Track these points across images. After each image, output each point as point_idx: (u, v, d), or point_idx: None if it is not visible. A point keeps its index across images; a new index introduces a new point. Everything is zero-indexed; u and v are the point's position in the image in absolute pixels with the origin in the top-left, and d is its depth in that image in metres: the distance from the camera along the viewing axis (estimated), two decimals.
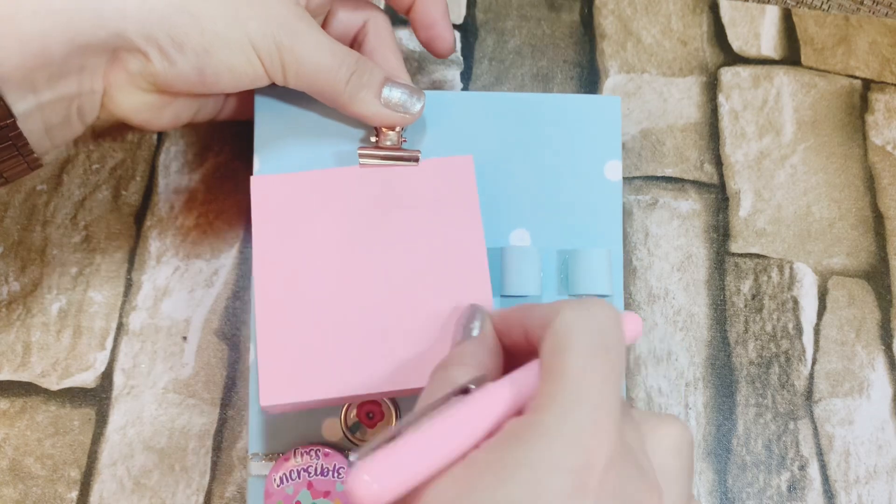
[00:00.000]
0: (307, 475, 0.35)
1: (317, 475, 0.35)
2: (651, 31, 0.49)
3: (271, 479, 0.35)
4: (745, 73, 0.49)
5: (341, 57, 0.35)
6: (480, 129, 0.39)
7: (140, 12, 0.31)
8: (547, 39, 0.49)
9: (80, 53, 0.31)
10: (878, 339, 0.43)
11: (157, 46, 0.32)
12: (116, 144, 0.44)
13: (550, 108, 0.39)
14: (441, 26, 0.39)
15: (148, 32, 0.31)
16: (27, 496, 0.37)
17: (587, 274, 0.37)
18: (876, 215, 0.46)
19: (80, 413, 0.39)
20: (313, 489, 0.35)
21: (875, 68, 0.49)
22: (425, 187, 0.36)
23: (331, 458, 0.36)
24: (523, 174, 0.39)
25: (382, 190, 0.36)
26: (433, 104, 0.39)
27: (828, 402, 0.42)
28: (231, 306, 0.41)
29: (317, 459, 0.36)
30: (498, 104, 0.39)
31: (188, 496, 0.38)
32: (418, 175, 0.37)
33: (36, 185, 0.43)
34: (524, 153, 0.39)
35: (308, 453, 0.36)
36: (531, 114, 0.39)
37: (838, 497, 0.40)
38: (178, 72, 0.33)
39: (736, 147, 0.47)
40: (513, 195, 0.39)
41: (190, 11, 0.32)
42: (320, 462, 0.36)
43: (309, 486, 0.35)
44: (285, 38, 0.33)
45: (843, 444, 0.41)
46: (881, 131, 0.48)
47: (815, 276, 0.44)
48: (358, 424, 0.37)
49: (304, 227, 0.35)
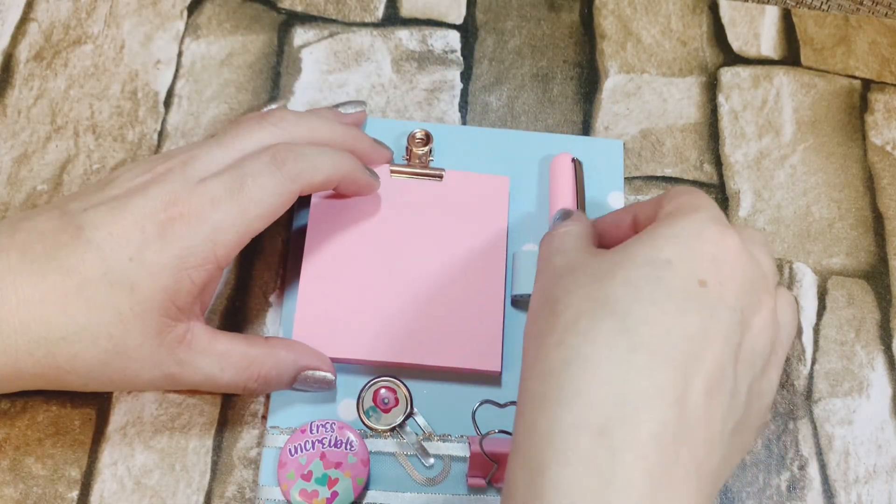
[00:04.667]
0: (321, 446, 0.37)
1: (330, 447, 0.37)
2: (651, 32, 0.49)
3: (286, 449, 0.37)
4: (744, 74, 0.49)
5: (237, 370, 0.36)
6: (502, 160, 0.45)
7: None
8: (547, 39, 0.49)
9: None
10: (877, 339, 0.43)
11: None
12: (117, 144, 0.44)
13: (562, 146, 0.45)
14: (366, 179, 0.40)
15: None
16: (28, 496, 0.37)
17: None
18: (875, 215, 0.46)
19: (80, 413, 0.39)
20: (326, 460, 0.37)
21: (875, 68, 0.49)
22: (463, 195, 0.42)
23: (344, 431, 0.37)
24: (535, 200, 0.44)
25: (424, 193, 0.42)
26: (454, 137, 0.45)
27: (827, 402, 0.42)
28: (232, 306, 0.41)
29: (331, 432, 0.37)
30: (513, 141, 0.45)
31: (188, 496, 0.38)
32: (459, 184, 0.42)
33: (36, 185, 0.43)
34: (537, 183, 0.44)
35: (324, 426, 0.37)
36: (545, 149, 0.45)
37: (838, 497, 0.40)
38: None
39: (736, 147, 0.47)
40: (525, 216, 0.43)
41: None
42: (334, 434, 0.37)
43: (322, 456, 0.37)
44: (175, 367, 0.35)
45: (842, 443, 0.41)
46: (881, 131, 0.48)
47: (815, 276, 0.44)
48: (373, 408, 0.39)
49: (350, 210, 0.41)
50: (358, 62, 0.47)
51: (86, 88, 0.46)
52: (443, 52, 0.48)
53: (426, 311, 0.39)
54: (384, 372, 0.40)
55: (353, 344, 0.39)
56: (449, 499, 0.38)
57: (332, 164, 0.37)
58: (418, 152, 0.43)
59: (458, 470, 0.38)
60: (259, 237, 0.41)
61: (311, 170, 0.36)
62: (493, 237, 0.41)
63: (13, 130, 0.44)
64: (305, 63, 0.47)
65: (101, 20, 0.47)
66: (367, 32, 0.48)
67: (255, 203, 0.34)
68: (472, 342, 0.39)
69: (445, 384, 0.40)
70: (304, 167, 0.35)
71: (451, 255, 0.40)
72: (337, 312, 0.39)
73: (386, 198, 0.42)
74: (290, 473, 0.36)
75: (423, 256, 0.40)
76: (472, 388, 0.40)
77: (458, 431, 0.39)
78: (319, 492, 0.36)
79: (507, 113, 0.47)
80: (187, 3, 0.48)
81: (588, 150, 0.45)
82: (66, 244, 0.32)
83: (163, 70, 0.46)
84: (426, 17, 0.49)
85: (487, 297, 0.40)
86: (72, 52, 0.46)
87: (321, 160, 0.36)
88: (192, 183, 0.34)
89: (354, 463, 0.37)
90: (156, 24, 0.47)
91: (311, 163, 0.36)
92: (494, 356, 0.39)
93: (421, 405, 0.39)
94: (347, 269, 0.40)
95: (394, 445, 0.39)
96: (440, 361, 0.39)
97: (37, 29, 0.47)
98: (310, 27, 0.48)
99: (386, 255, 0.40)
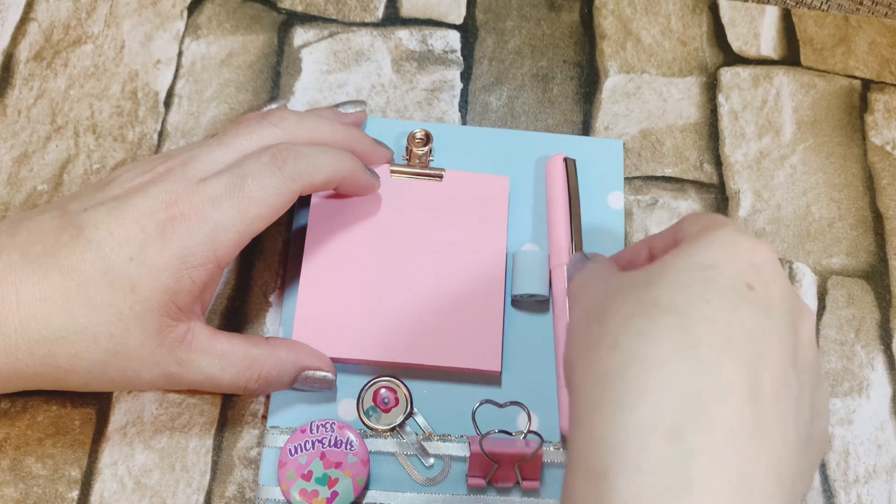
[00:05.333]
0: (321, 446, 0.37)
1: (330, 446, 0.37)
2: (651, 32, 0.49)
3: (286, 449, 0.37)
4: (744, 74, 0.49)
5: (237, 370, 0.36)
6: (502, 160, 0.45)
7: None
8: (547, 39, 0.49)
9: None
10: (877, 339, 0.43)
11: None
12: (117, 144, 0.44)
13: (562, 146, 0.45)
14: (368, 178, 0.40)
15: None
16: (28, 496, 0.37)
17: None
18: (875, 215, 0.46)
19: (80, 412, 0.39)
20: (326, 459, 0.37)
21: (874, 68, 0.49)
22: (463, 195, 0.42)
23: (344, 431, 0.37)
24: (535, 200, 0.44)
25: (425, 191, 0.42)
26: (454, 137, 0.45)
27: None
28: (232, 306, 0.41)
29: (331, 432, 0.37)
30: (513, 141, 0.45)
31: (188, 496, 0.38)
32: (459, 184, 0.42)
33: (37, 185, 0.43)
34: (537, 183, 0.44)
35: (324, 426, 0.38)
36: (545, 149, 0.45)
37: (838, 496, 0.40)
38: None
39: (735, 147, 0.47)
40: (526, 216, 0.44)
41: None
42: (334, 434, 0.37)
43: (322, 456, 0.37)
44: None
45: (842, 443, 0.41)
46: (881, 131, 0.48)
47: (815, 276, 0.44)
48: (374, 408, 0.39)
49: (350, 209, 0.41)
50: (358, 62, 0.47)
51: (86, 88, 0.46)
52: (443, 52, 0.48)
53: (426, 310, 0.39)
54: (384, 372, 0.40)
55: (353, 344, 0.39)
56: (449, 499, 0.38)
57: (332, 164, 0.37)
58: (418, 152, 0.43)
59: (458, 470, 0.38)
60: (259, 237, 0.41)
61: (311, 169, 0.36)
62: (493, 237, 0.41)
63: (13, 130, 0.44)
64: (305, 63, 0.47)
65: (101, 20, 0.47)
66: (367, 32, 0.48)
67: (256, 203, 0.34)
68: (472, 342, 0.39)
69: (445, 384, 0.40)
70: (304, 167, 0.35)
71: (451, 255, 0.41)
72: (337, 312, 0.39)
73: (386, 198, 0.42)
74: (290, 473, 0.36)
75: (423, 256, 0.40)
76: (472, 388, 0.40)
77: (458, 431, 0.39)
78: (319, 491, 0.36)
79: (507, 113, 0.47)
80: (187, 3, 0.48)
81: (588, 150, 0.45)
82: (66, 244, 0.32)
83: (163, 70, 0.46)
84: (426, 17, 0.49)
85: (487, 297, 0.40)
86: (72, 52, 0.46)
87: (322, 160, 0.36)
88: (192, 182, 0.34)
89: (354, 463, 0.37)
90: (156, 24, 0.47)
91: (312, 162, 0.36)
92: (494, 356, 0.39)
93: (421, 405, 0.39)
94: (347, 268, 0.40)
95: (394, 445, 0.39)
96: (440, 361, 0.39)
97: (37, 29, 0.47)
98: (310, 27, 0.48)
99: (386, 255, 0.40)
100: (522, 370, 0.40)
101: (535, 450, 0.37)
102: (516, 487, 0.38)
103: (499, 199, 0.42)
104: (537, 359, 0.40)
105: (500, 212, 0.42)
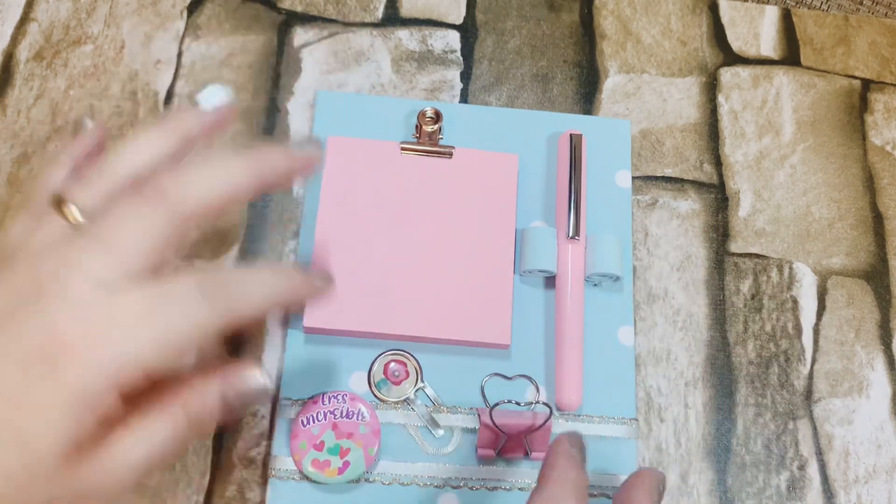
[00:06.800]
0: (333, 417, 0.38)
1: (342, 417, 0.38)
2: (651, 32, 0.49)
3: (298, 420, 0.37)
4: (744, 74, 0.49)
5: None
6: (511, 139, 0.45)
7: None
8: (547, 39, 0.49)
9: None
10: (877, 338, 0.43)
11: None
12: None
13: (570, 125, 0.45)
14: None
15: None
16: None
17: (602, 257, 0.41)
18: (875, 215, 0.46)
19: None
20: (338, 430, 0.37)
21: (874, 68, 0.49)
22: (473, 173, 0.43)
23: (356, 403, 0.38)
24: (544, 178, 0.45)
25: (435, 168, 0.43)
26: (464, 115, 0.45)
27: (827, 402, 0.42)
28: None
29: (343, 403, 0.38)
30: (522, 119, 0.46)
31: (188, 496, 0.38)
32: (469, 162, 0.43)
33: None
34: (546, 161, 0.45)
35: (335, 397, 0.38)
36: (553, 127, 0.46)
37: (838, 496, 0.40)
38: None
39: (735, 147, 0.47)
40: (536, 194, 0.44)
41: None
42: (346, 405, 0.38)
43: (334, 427, 0.37)
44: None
45: (842, 443, 0.41)
46: (880, 131, 0.48)
47: (815, 276, 0.44)
48: (384, 381, 0.39)
49: (362, 185, 0.42)
50: (358, 62, 0.47)
51: (86, 88, 0.46)
52: (443, 52, 0.48)
53: (436, 285, 0.40)
54: (395, 345, 0.40)
55: (364, 317, 0.39)
56: (458, 468, 0.38)
57: (270, 297, 0.29)
58: (428, 130, 0.43)
59: (467, 441, 0.39)
60: (269, 224, 0.41)
61: (243, 302, 0.28)
62: (502, 214, 0.42)
63: (13, 130, 0.44)
64: (305, 63, 0.47)
65: (101, 20, 0.47)
66: (366, 32, 0.48)
67: (178, 335, 0.26)
68: (481, 316, 0.40)
69: (455, 357, 0.40)
70: (235, 300, 0.28)
71: (461, 232, 0.41)
72: (349, 287, 0.40)
73: (396, 175, 0.42)
74: (302, 444, 0.37)
75: (433, 232, 0.41)
76: (481, 361, 0.40)
77: (468, 403, 0.39)
78: (331, 461, 0.37)
79: None
80: (187, 3, 0.48)
81: (596, 130, 0.46)
82: None
83: (163, 70, 0.46)
84: (426, 17, 0.49)
85: (496, 273, 0.41)
86: (72, 52, 0.46)
87: (257, 293, 0.29)
88: (76, 303, 0.26)
89: (366, 433, 0.37)
90: (156, 24, 0.47)
91: (246, 297, 0.28)
92: (504, 330, 0.40)
93: (431, 377, 0.40)
94: (358, 244, 0.41)
95: (404, 417, 0.39)
96: (450, 335, 0.39)
97: (37, 29, 0.47)
98: (310, 27, 0.48)
99: (396, 230, 0.41)
100: (531, 344, 0.41)
101: (543, 421, 0.37)
102: (525, 458, 0.38)
103: (508, 177, 0.43)
104: (545, 333, 0.41)
105: (509, 189, 0.43)
